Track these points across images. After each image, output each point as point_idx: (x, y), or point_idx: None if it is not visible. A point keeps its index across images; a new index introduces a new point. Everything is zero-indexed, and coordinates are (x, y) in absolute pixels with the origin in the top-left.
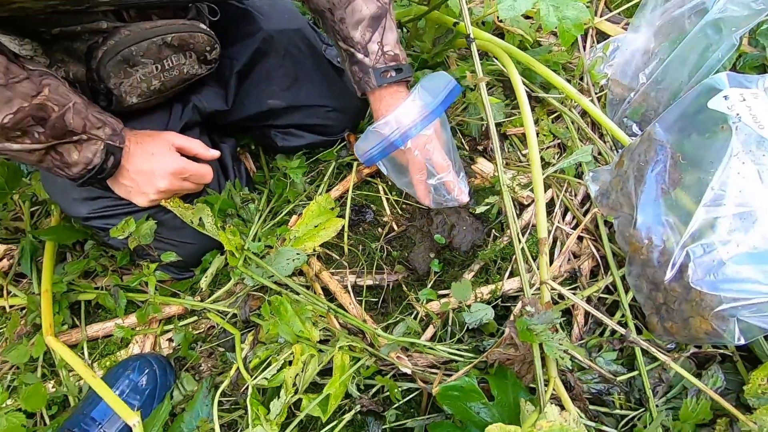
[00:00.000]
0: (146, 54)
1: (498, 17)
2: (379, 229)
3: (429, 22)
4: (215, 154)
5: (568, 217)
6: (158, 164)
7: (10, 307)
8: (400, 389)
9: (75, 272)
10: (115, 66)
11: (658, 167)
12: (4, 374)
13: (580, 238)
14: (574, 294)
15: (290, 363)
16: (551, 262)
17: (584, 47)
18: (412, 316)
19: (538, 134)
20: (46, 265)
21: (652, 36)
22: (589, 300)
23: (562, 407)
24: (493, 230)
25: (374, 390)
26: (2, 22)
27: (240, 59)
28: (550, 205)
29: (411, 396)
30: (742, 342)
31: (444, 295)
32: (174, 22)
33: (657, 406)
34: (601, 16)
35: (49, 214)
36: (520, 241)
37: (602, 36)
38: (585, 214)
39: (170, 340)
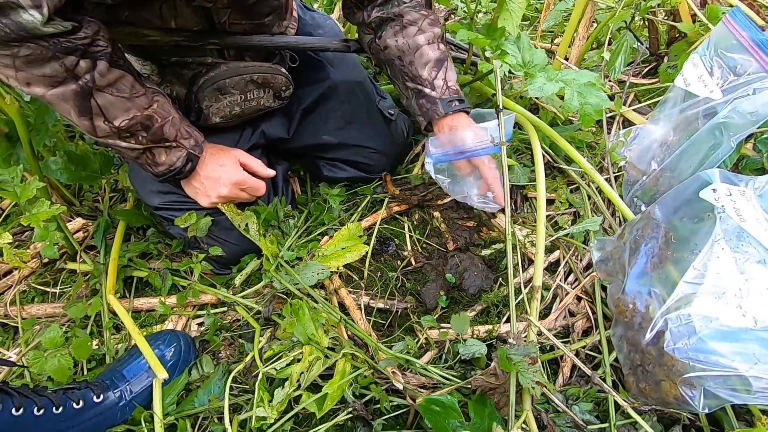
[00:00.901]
0: (236, 86)
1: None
2: (398, 262)
3: (472, 90)
4: (271, 173)
5: (571, 278)
6: (224, 174)
7: (81, 272)
8: (390, 402)
9: (136, 251)
10: (210, 93)
11: (652, 242)
12: (62, 324)
13: (578, 299)
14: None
15: (298, 361)
16: (548, 314)
17: (609, 131)
18: (413, 339)
19: (554, 201)
20: (117, 239)
21: (670, 129)
22: (576, 354)
23: None
24: (500, 278)
25: (367, 398)
26: (135, 48)
27: (307, 99)
28: (556, 265)
29: (399, 411)
30: (707, 411)
31: (445, 327)
32: (262, 65)
33: None
34: (630, 106)
35: (124, 200)
36: (519, 294)
37: (628, 123)
38: (589, 276)
39: (200, 324)
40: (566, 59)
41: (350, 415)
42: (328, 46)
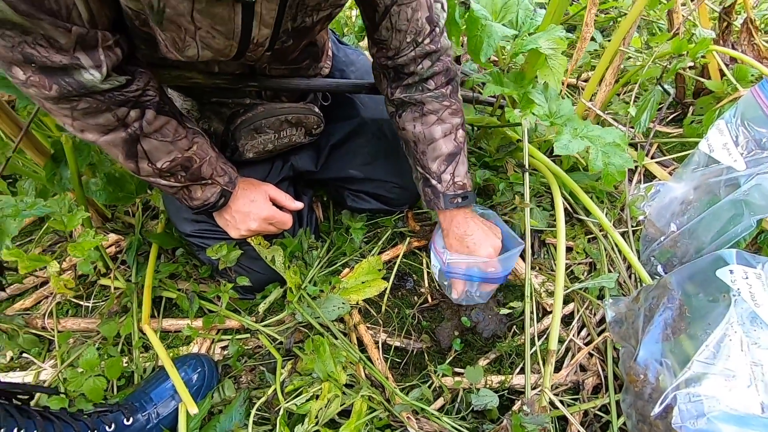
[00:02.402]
0: (271, 126)
1: None
2: (416, 298)
3: (497, 132)
4: (299, 205)
5: (584, 332)
6: (255, 209)
7: (114, 289)
8: None
9: (166, 272)
10: (247, 132)
11: (667, 313)
12: (95, 341)
13: (590, 354)
14: (573, 403)
15: (317, 397)
16: (560, 369)
17: (630, 181)
18: (428, 384)
19: (572, 249)
20: (150, 266)
21: (691, 189)
22: (586, 413)
23: None
24: (515, 326)
25: None
26: (178, 86)
27: (336, 135)
28: (570, 318)
29: None
30: None
31: (459, 373)
32: (296, 106)
33: None
34: (652, 158)
35: (156, 216)
36: (533, 345)
37: (650, 175)
38: (600, 333)
39: (223, 347)
40: (592, 99)
41: None
42: (359, 90)
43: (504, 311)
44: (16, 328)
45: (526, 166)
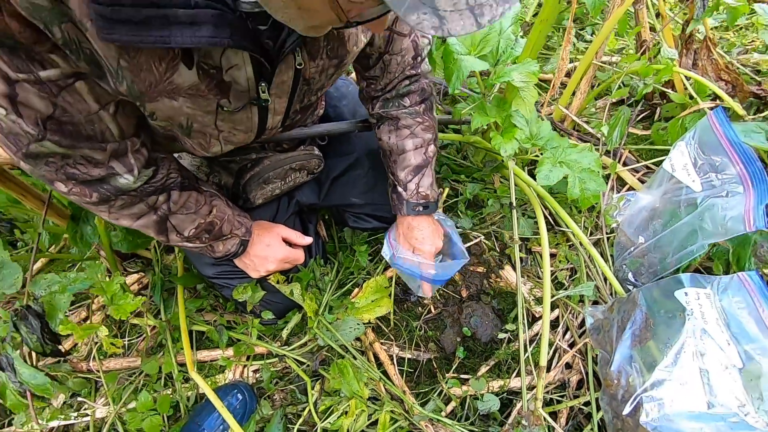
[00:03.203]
0: (277, 176)
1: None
2: (420, 309)
3: (482, 145)
4: (309, 240)
5: (568, 335)
6: (271, 252)
7: (147, 327)
8: None
9: (193, 308)
10: (257, 185)
11: (635, 326)
12: (138, 380)
13: (574, 355)
14: (561, 400)
15: (346, 413)
16: (549, 370)
17: (604, 194)
18: (437, 392)
19: (555, 256)
20: (181, 307)
21: (656, 204)
22: (571, 409)
23: None
24: (510, 334)
25: None
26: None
27: (336, 169)
28: (555, 322)
29: None
30: None
31: (464, 380)
32: (299, 153)
33: None
34: (624, 164)
35: (171, 250)
36: (526, 351)
37: (622, 180)
38: (581, 335)
39: (254, 371)
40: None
41: None
42: (353, 130)
43: (510, 326)
44: (66, 374)
45: (513, 204)
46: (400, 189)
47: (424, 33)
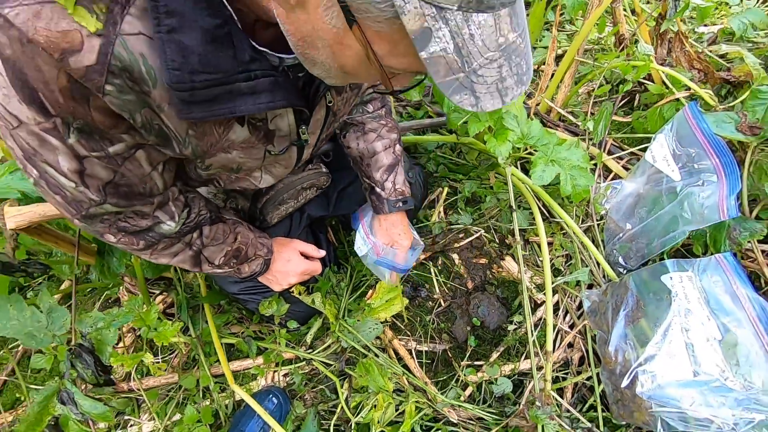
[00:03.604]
0: (291, 196)
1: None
2: (430, 303)
3: (476, 146)
4: (323, 253)
5: (568, 317)
6: (291, 267)
7: (181, 344)
8: None
9: (220, 323)
10: (273, 207)
11: (628, 308)
12: (177, 394)
13: (575, 335)
14: (566, 377)
15: (375, 407)
16: (554, 350)
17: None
18: (455, 379)
19: (552, 244)
20: (212, 325)
21: (640, 192)
22: (575, 385)
23: None
24: (514, 319)
25: (432, 430)
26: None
27: (342, 182)
28: (556, 306)
29: None
30: None
31: (478, 366)
32: (308, 173)
33: None
34: (609, 153)
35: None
36: (531, 335)
37: (607, 168)
38: (579, 316)
39: (285, 375)
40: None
41: None
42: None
43: (515, 320)
44: (110, 396)
45: (513, 207)
46: (378, 190)
47: (463, 108)
